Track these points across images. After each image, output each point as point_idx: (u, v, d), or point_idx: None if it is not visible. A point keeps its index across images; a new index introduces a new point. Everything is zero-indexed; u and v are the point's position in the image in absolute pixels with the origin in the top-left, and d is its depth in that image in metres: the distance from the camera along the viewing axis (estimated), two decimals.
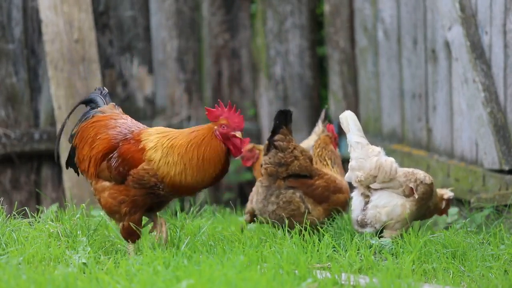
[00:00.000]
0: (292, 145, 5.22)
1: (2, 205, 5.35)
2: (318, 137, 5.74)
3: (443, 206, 5.46)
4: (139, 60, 7.70)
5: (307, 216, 5.18)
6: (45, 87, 7.36)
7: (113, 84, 7.64)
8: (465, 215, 6.17)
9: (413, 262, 4.61)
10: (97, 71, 7.38)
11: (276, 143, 5.18)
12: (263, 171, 5.24)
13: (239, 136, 4.65)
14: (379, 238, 5.14)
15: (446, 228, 5.77)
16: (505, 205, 5.98)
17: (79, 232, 5.01)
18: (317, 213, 5.24)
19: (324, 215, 5.26)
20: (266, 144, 5.23)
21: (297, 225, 5.14)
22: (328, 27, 7.73)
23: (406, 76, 7.10)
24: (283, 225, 5.18)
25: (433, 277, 4.54)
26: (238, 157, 5.20)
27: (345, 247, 4.87)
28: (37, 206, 7.03)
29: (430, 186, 5.27)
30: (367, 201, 5.25)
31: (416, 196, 5.20)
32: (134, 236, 4.75)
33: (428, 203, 5.31)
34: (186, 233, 5.12)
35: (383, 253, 4.84)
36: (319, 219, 5.24)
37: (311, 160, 5.29)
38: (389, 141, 7.26)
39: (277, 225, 5.24)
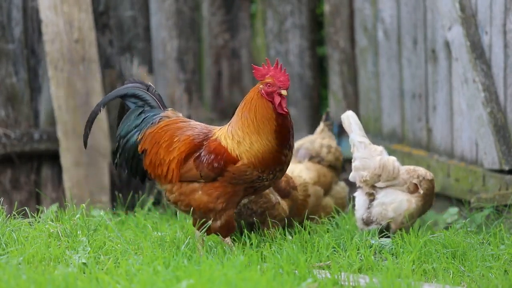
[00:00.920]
0: None
1: (2, 205, 5.35)
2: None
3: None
4: (139, 60, 7.70)
5: (278, 208, 5.14)
6: (45, 87, 7.36)
7: (113, 84, 7.64)
8: (465, 215, 6.17)
9: (413, 262, 4.61)
10: (97, 71, 7.38)
11: None
12: None
13: (284, 94, 4.63)
14: (381, 234, 5.16)
15: (446, 228, 5.77)
16: (505, 205, 5.98)
17: (79, 232, 5.01)
18: (284, 207, 5.20)
19: (288, 211, 5.23)
20: None
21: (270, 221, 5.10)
22: (328, 27, 7.72)
23: (406, 76, 7.10)
24: (254, 223, 5.15)
25: (433, 277, 4.54)
26: None
27: (344, 247, 4.87)
28: (37, 206, 7.03)
29: (431, 182, 5.32)
30: (372, 199, 5.28)
31: (422, 191, 5.24)
32: (230, 230, 4.75)
33: (432, 199, 5.35)
34: (186, 233, 5.12)
35: (383, 253, 4.84)
36: (285, 215, 5.19)
37: None
38: (389, 141, 7.26)
39: (247, 223, 5.19)
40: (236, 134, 4.68)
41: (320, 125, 5.93)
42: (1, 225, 5.02)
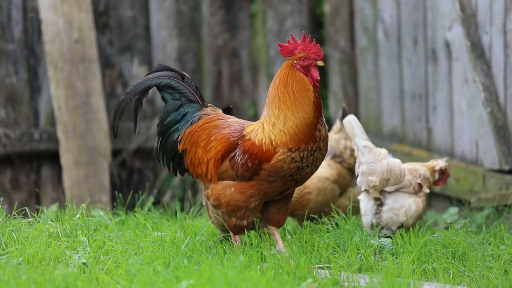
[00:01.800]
0: None
1: (2, 205, 5.35)
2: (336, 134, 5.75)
3: (436, 177, 5.38)
4: (139, 60, 7.70)
5: None
6: (45, 87, 7.36)
7: (113, 84, 7.64)
8: (465, 215, 6.17)
9: (413, 262, 4.61)
10: (97, 71, 7.38)
11: None
12: None
13: (321, 64, 4.57)
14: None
15: (446, 228, 5.77)
16: (505, 205, 5.98)
17: (79, 232, 5.00)
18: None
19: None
20: None
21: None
22: (328, 27, 7.72)
23: (406, 76, 7.10)
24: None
25: (433, 277, 4.54)
26: None
27: (344, 247, 4.87)
28: (37, 206, 7.02)
29: (429, 180, 5.34)
30: (379, 204, 5.24)
31: (427, 190, 5.23)
32: (246, 230, 4.71)
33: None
34: (186, 233, 5.11)
35: (383, 253, 4.84)
36: None
37: None
38: (389, 141, 7.25)
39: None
40: (272, 115, 4.59)
41: (337, 123, 5.82)
42: (1, 225, 5.02)
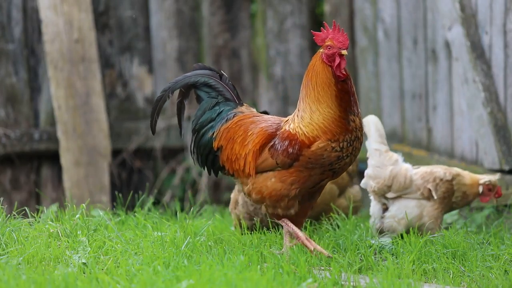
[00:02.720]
0: None
1: (2, 205, 5.35)
2: None
3: (480, 191, 5.27)
4: (139, 60, 7.70)
5: None
6: (45, 87, 7.36)
7: (113, 84, 7.64)
8: (465, 215, 6.17)
9: (413, 262, 4.61)
10: (97, 71, 7.38)
11: None
12: None
13: (344, 53, 4.53)
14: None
15: (446, 228, 5.76)
16: (505, 205, 5.97)
17: (79, 232, 5.00)
18: None
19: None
20: None
21: None
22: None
23: (406, 76, 7.10)
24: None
25: (433, 277, 4.54)
26: None
27: (344, 247, 4.87)
28: (37, 206, 7.02)
29: (451, 182, 5.22)
30: (385, 209, 5.22)
31: (435, 197, 5.16)
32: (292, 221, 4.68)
33: (452, 198, 5.25)
34: (186, 233, 5.11)
35: (383, 253, 4.84)
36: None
37: None
38: (389, 141, 7.22)
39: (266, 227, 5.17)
40: (300, 108, 4.60)
41: None
42: (1, 225, 5.02)
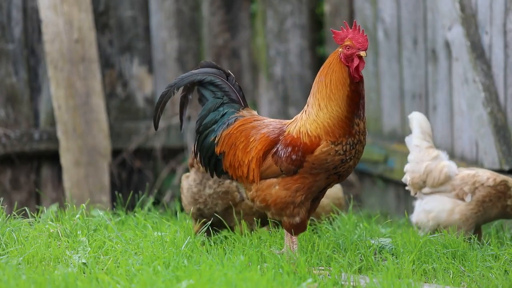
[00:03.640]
0: None
1: (2, 205, 5.35)
2: None
3: None
4: (139, 60, 7.70)
5: (242, 207, 5.08)
6: (45, 87, 7.36)
7: (113, 84, 7.64)
8: None
9: (413, 262, 4.61)
10: (97, 71, 7.38)
11: None
12: (200, 166, 4.96)
13: (363, 55, 4.51)
14: None
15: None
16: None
17: (79, 232, 5.00)
18: (251, 204, 5.08)
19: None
20: None
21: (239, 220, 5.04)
22: (328, 27, 7.72)
23: (406, 76, 7.10)
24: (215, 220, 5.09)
25: (433, 277, 4.54)
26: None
27: (344, 247, 4.87)
28: (37, 206, 7.02)
29: (494, 188, 5.18)
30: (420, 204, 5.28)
31: (467, 199, 5.16)
32: (305, 228, 4.62)
33: (498, 205, 5.20)
34: (186, 233, 5.11)
35: (383, 253, 4.84)
36: (252, 212, 5.11)
37: None
38: (389, 141, 7.26)
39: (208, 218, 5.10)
40: (309, 102, 4.59)
41: None
42: (1, 225, 5.02)
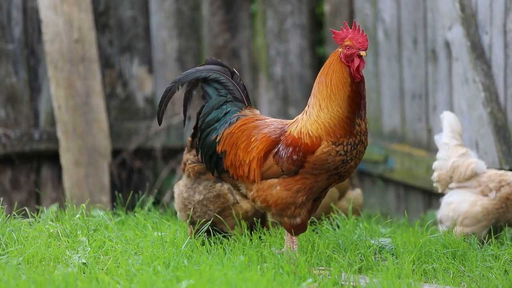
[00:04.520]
0: None
1: (2, 205, 5.35)
2: None
3: None
4: (139, 60, 7.70)
5: (236, 209, 5.05)
6: (45, 87, 7.36)
7: (113, 84, 7.64)
8: None
9: (413, 262, 4.61)
10: (97, 71, 7.38)
11: None
12: (190, 171, 5.01)
13: (363, 55, 4.50)
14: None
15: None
16: None
17: (79, 232, 5.00)
18: (245, 207, 5.09)
19: (253, 209, 5.07)
20: (189, 140, 5.04)
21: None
22: (328, 27, 7.72)
23: (407, 76, 7.10)
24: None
25: (433, 277, 4.54)
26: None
27: (344, 247, 4.87)
28: (37, 206, 7.03)
29: None
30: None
31: (491, 195, 5.20)
32: (305, 228, 4.61)
33: None
34: (186, 233, 5.11)
35: (383, 253, 4.84)
36: (247, 215, 5.10)
37: None
38: (389, 141, 7.26)
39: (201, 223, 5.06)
40: (310, 103, 4.57)
41: None
42: (1, 225, 5.02)
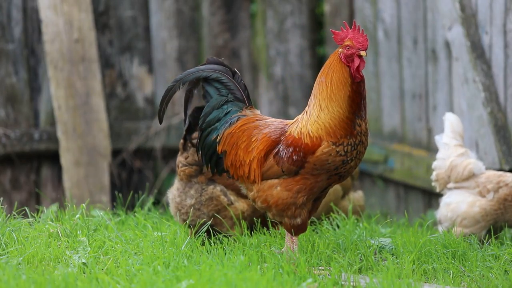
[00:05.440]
0: None
1: (2, 205, 5.35)
2: None
3: None
4: (139, 60, 7.70)
5: (232, 210, 5.04)
6: (45, 87, 7.36)
7: (113, 84, 7.64)
8: None
9: (413, 262, 4.61)
10: (97, 71, 7.38)
11: (195, 141, 4.92)
12: (182, 174, 5.02)
13: (363, 55, 4.50)
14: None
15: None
16: None
17: (79, 232, 5.00)
18: (241, 208, 5.08)
19: (250, 209, 5.09)
20: (181, 143, 5.02)
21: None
22: (328, 27, 7.72)
23: (407, 76, 7.10)
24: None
25: (433, 277, 4.54)
26: None
27: (344, 247, 4.87)
28: (37, 206, 7.03)
29: None
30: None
31: (489, 196, 5.20)
32: (305, 229, 4.61)
33: None
34: (186, 233, 5.11)
35: (383, 253, 4.84)
36: (244, 215, 5.09)
37: None
38: (389, 141, 7.26)
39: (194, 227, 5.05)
40: (310, 104, 4.56)
41: None
42: (1, 225, 5.02)
